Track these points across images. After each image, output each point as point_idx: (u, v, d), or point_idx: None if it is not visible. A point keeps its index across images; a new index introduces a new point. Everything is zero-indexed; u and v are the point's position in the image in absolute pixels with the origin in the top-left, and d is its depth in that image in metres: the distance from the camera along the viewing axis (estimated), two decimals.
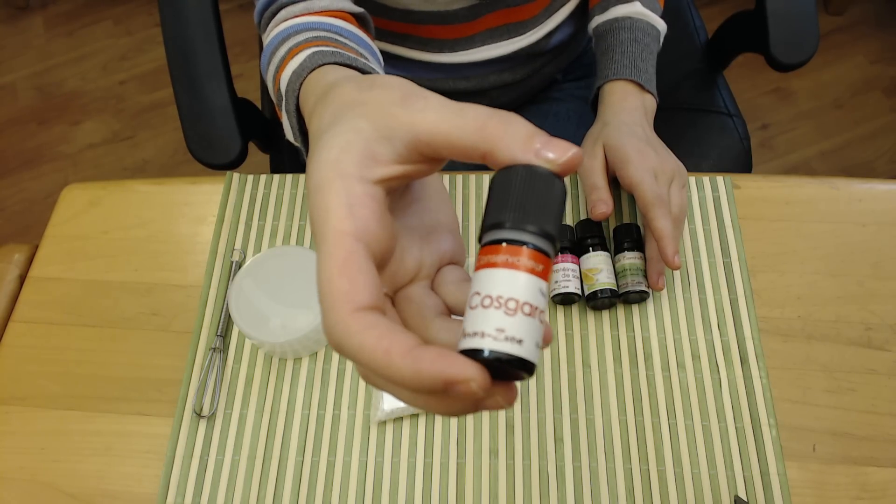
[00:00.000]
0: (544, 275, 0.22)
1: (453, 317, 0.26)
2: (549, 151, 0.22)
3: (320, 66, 0.38)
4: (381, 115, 0.25)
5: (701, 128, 0.83)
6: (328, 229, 0.23)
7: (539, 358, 0.22)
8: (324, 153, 0.24)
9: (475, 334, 0.21)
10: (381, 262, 0.25)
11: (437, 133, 0.23)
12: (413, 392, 0.22)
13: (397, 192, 0.28)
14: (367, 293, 0.22)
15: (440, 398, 0.22)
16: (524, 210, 0.22)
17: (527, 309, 0.21)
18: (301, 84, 0.39)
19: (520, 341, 0.21)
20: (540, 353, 0.21)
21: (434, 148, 0.24)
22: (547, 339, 0.23)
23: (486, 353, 0.21)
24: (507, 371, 0.21)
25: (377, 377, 0.22)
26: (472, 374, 0.20)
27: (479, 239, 0.23)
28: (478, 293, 0.22)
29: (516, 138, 0.22)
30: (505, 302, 0.21)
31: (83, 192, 0.67)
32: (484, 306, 0.21)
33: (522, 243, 0.22)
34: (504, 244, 0.22)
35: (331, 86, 0.30)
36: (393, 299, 0.26)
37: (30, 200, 1.59)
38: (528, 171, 0.22)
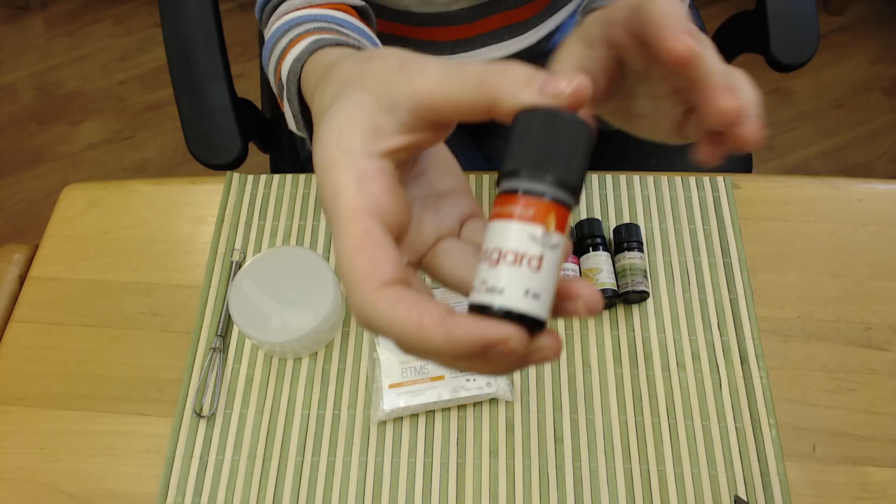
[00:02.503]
0: (538, 218, 0.21)
1: None
2: (553, 85, 0.21)
3: (321, 48, 0.38)
4: (381, 86, 0.24)
5: None
6: (341, 208, 0.22)
7: (535, 308, 0.20)
8: (326, 133, 0.24)
9: (472, 290, 0.22)
10: (399, 235, 0.24)
11: (438, 94, 0.23)
12: (453, 358, 0.21)
13: (407, 165, 0.28)
14: (388, 268, 0.22)
15: (484, 360, 0.21)
16: (526, 158, 0.21)
17: (510, 258, 0.21)
18: (302, 67, 0.39)
19: (500, 291, 0.20)
20: (534, 301, 0.21)
21: (437, 111, 0.23)
22: (587, 303, 0.22)
23: (468, 308, 0.21)
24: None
25: (413, 348, 0.22)
26: (510, 332, 0.20)
27: (498, 183, 0.23)
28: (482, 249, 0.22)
29: (516, 81, 0.22)
30: (489, 254, 0.21)
31: (83, 192, 0.67)
32: (479, 261, 0.22)
33: (514, 191, 0.21)
34: (502, 195, 0.22)
35: (330, 65, 0.29)
36: (423, 262, 0.26)
37: (30, 200, 1.59)
38: (549, 114, 0.21)
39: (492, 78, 0.22)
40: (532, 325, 0.21)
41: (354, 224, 0.22)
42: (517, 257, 0.21)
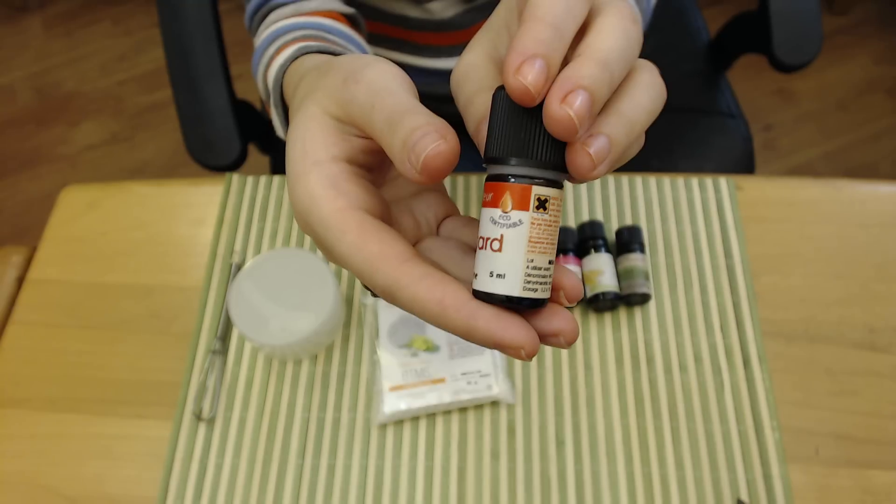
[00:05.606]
0: (494, 202, 0.21)
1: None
2: (415, 155, 0.21)
3: (302, 55, 0.39)
4: (327, 98, 0.25)
5: (703, 129, 0.83)
6: (325, 214, 0.23)
7: (501, 287, 0.21)
8: (291, 149, 0.25)
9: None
10: None
11: (362, 119, 0.24)
12: (468, 338, 0.22)
13: (377, 170, 0.28)
14: (401, 245, 0.22)
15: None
16: (509, 141, 0.21)
17: (480, 243, 0.22)
18: (284, 73, 0.39)
19: (476, 275, 0.22)
20: (500, 281, 0.21)
21: (365, 132, 0.24)
22: (568, 294, 0.23)
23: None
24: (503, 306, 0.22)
25: (433, 323, 0.23)
26: (523, 342, 0.21)
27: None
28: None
29: (398, 146, 0.22)
30: (478, 242, 0.22)
31: (82, 193, 0.66)
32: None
33: (506, 178, 0.22)
34: (487, 182, 0.22)
35: (302, 75, 0.30)
36: None
37: (28, 202, 1.59)
38: (506, 96, 0.21)
39: (395, 129, 0.22)
40: (504, 302, 0.21)
41: (347, 220, 0.23)
42: (484, 241, 0.22)
